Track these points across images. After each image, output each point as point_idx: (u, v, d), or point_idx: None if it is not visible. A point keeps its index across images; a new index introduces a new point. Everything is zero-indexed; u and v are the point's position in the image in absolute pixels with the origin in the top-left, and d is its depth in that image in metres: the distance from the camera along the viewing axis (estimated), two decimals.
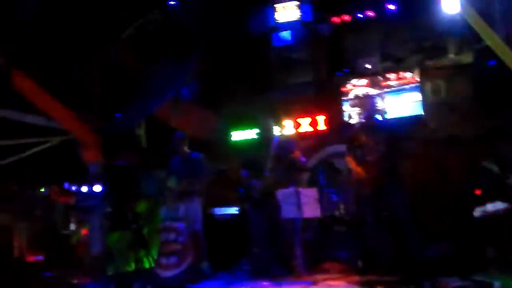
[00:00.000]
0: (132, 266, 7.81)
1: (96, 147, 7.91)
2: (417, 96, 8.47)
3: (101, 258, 7.76)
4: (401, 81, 8.66)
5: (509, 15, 6.86)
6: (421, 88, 8.50)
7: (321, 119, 9.13)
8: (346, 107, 9.03)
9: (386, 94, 8.66)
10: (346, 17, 9.25)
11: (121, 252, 8.02)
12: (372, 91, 8.78)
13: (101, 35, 8.01)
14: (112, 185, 8.00)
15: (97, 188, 7.77)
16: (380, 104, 7.58)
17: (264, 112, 9.20)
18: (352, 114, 8.95)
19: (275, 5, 9.42)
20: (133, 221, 7.97)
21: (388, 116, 8.05)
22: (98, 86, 8.07)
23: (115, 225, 8.14)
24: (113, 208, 8.15)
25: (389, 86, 8.74)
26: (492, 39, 6.35)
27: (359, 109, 8.65)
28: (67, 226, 8.77)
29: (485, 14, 6.52)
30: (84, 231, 8.48)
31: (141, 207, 8.44)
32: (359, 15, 9.18)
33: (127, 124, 8.43)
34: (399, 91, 8.66)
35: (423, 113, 8.33)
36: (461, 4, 6.69)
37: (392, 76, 8.77)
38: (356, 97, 8.93)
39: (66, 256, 8.15)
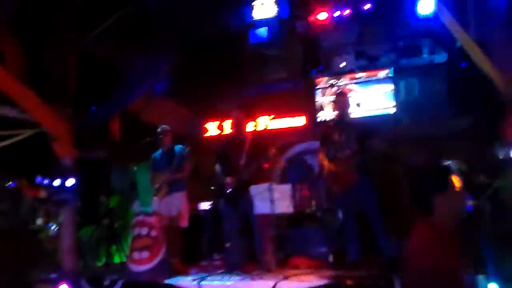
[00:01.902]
0: (103, 261, 7.77)
1: (69, 140, 7.82)
2: (389, 87, 8.58)
3: (71, 253, 7.69)
4: (371, 74, 8.82)
5: (481, 19, 6.99)
6: (394, 87, 8.62)
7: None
8: (319, 97, 9.14)
9: (357, 84, 8.79)
10: (322, 15, 9.33)
11: (92, 247, 7.97)
12: (343, 82, 8.91)
13: (78, 27, 7.93)
14: (84, 179, 7.93)
15: (70, 182, 7.68)
16: (353, 100, 7.66)
17: (238, 108, 9.22)
18: (324, 104, 9.05)
19: (253, 3, 9.46)
20: (105, 216, 7.92)
21: (362, 113, 8.15)
22: (73, 78, 7.97)
23: (87, 220, 8.08)
24: (85, 202, 8.08)
25: (359, 78, 8.90)
26: (465, 41, 6.45)
27: (332, 100, 8.69)
28: (34, 221, 8.65)
29: (459, 17, 6.63)
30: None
31: (113, 201, 8.39)
32: (335, 13, 9.27)
33: (101, 118, 8.37)
34: (369, 82, 8.80)
35: (395, 111, 8.44)
36: (436, 6, 6.80)
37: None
38: (330, 86, 9.06)
39: (34, 251, 8.04)
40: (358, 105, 7.40)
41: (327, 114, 8.89)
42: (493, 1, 6.54)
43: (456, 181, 4.03)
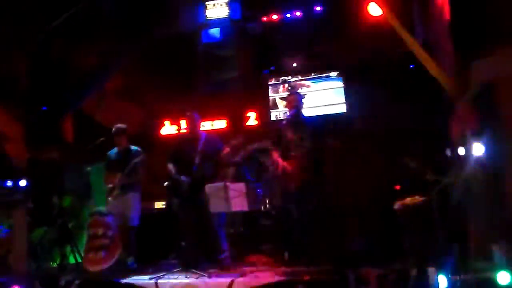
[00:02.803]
0: (57, 262, 7.68)
1: (21, 141, 7.70)
2: (339, 84, 8.87)
3: (23, 255, 7.57)
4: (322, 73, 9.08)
5: (426, 22, 7.25)
6: (345, 87, 8.86)
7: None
8: (271, 94, 9.41)
9: (309, 80, 9.09)
10: (275, 16, 9.48)
11: (45, 249, 7.86)
12: (295, 78, 9.24)
13: (30, 23, 7.81)
14: (36, 180, 7.82)
15: (22, 182, 7.57)
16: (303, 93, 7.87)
17: (191, 107, 9.24)
18: (276, 101, 9.25)
19: (206, 2, 9.51)
20: (58, 216, 7.82)
21: (315, 111, 8.32)
22: (25, 76, 7.84)
23: (39, 221, 7.96)
24: (37, 203, 7.95)
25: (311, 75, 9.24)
26: (411, 43, 6.68)
27: (285, 97, 8.87)
28: None
29: (405, 19, 6.85)
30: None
31: (66, 202, 8.29)
32: (287, 14, 9.43)
33: (53, 117, 8.27)
34: (320, 78, 9.10)
35: (347, 111, 8.67)
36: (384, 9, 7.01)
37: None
38: (282, 83, 9.31)
39: None
40: (303, 96, 7.58)
41: (280, 111, 9.09)
42: (437, 4, 6.80)
43: None
